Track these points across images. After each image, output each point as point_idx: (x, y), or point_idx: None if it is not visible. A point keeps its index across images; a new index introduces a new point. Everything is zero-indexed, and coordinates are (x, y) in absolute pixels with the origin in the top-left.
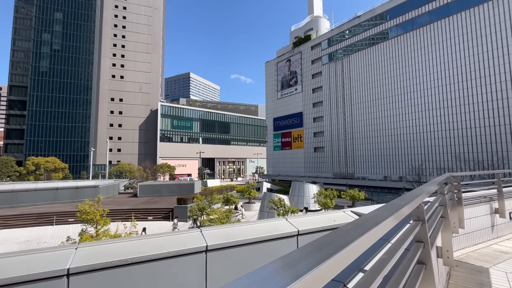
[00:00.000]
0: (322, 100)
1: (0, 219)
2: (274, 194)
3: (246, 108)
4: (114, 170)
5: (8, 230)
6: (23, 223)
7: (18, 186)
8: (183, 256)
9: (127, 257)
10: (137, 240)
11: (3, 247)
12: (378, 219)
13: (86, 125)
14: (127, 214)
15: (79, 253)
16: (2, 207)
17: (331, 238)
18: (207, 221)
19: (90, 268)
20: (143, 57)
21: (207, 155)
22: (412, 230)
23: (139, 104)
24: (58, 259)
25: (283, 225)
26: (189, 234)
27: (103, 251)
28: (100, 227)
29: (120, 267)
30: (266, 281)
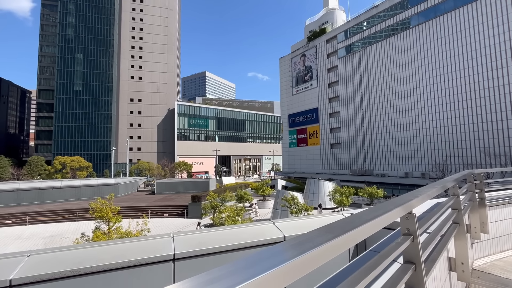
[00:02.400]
0: (339, 95)
1: (29, 215)
2: (287, 192)
3: (261, 105)
4: (134, 168)
5: (36, 226)
6: (49, 219)
7: (45, 184)
8: (147, 265)
9: (80, 267)
10: (98, 246)
11: (29, 242)
12: (350, 225)
13: (107, 125)
14: (144, 211)
15: (30, 261)
16: (31, 204)
17: (285, 246)
18: (218, 218)
19: (36, 279)
20: (160, 58)
21: (223, 153)
22: (396, 247)
23: (157, 104)
24: (2, 269)
25: (269, 230)
26: (158, 240)
27: (56, 258)
28: (112, 224)
29: (71, 278)
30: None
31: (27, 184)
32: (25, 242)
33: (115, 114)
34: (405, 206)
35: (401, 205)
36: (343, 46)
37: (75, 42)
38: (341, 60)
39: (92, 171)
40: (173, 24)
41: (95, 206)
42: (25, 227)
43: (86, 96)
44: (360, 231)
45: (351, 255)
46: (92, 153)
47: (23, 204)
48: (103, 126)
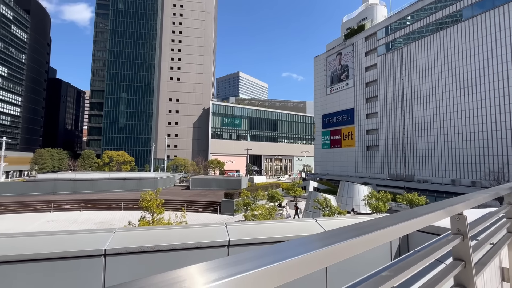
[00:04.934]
0: (377, 95)
1: (83, 202)
2: (319, 194)
3: (293, 105)
4: (171, 164)
5: (88, 212)
6: (99, 206)
7: (96, 176)
8: (206, 248)
9: (155, 244)
10: (167, 229)
11: (84, 225)
12: (399, 219)
13: (148, 123)
14: (180, 205)
15: (116, 236)
16: (84, 193)
17: (327, 235)
18: (251, 216)
19: (123, 251)
20: (196, 59)
21: (255, 152)
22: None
23: (193, 104)
24: (98, 241)
25: (312, 226)
26: (214, 228)
27: (136, 236)
28: (156, 215)
29: (149, 253)
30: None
31: (81, 175)
32: (81, 225)
33: (155, 113)
34: (457, 206)
35: (453, 205)
36: (383, 43)
37: (122, 46)
38: (381, 58)
39: (134, 165)
40: (209, 27)
41: (145, 197)
42: (80, 213)
43: (131, 96)
44: (409, 225)
45: (393, 256)
46: (135, 149)
47: (78, 192)
48: (144, 124)
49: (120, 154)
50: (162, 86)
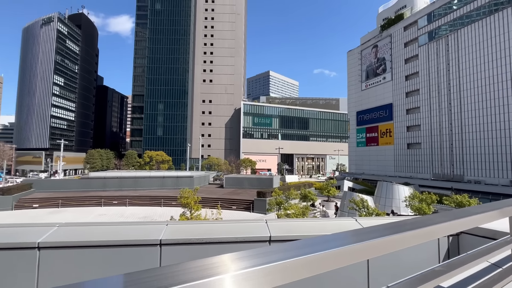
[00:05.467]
0: (419, 88)
1: (128, 198)
2: (355, 194)
3: (326, 102)
4: (205, 163)
5: (132, 207)
6: (142, 202)
7: (138, 174)
8: (249, 242)
9: (202, 237)
10: (212, 224)
11: (130, 219)
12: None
13: (184, 124)
14: (215, 203)
15: (168, 228)
16: (129, 189)
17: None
18: (284, 215)
19: (175, 242)
20: (227, 61)
21: (286, 151)
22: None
23: (225, 104)
24: (154, 232)
25: (351, 225)
26: (255, 224)
27: (185, 229)
28: (193, 212)
29: (197, 245)
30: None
31: (126, 173)
32: (127, 219)
33: (190, 114)
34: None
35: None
36: (425, 32)
37: (159, 53)
38: (423, 48)
39: (171, 164)
40: (240, 28)
41: (183, 194)
42: (126, 208)
43: (167, 99)
44: (459, 223)
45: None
46: (172, 149)
47: (124, 189)
48: (180, 125)
49: (159, 154)
50: (195, 89)
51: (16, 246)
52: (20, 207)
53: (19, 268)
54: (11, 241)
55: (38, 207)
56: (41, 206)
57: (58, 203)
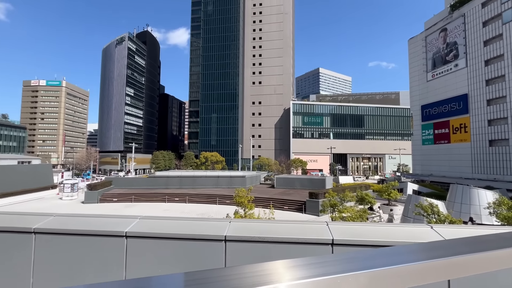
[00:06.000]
0: (504, 74)
1: (188, 196)
2: (422, 198)
3: (383, 97)
4: (256, 164)
5: (191, 204)
6: (200, 200)
7: (196, 173)
8: (310, 244)
9: (264, 236)
10: (272, 223)
11: (190, 215)
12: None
13: (235, 126)
14: (266, 202)
15: (232, 225)
16: (187, 188)
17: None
18: (339, 218)
19: (238, 239)
20: (276, 62)
21: (339, 151)
22: None
23: (274, 105)
24: (218, 228)
25: (426, 233)
26: (315, 225)
27: (247, 227)
28: (247, 210)
29: (258, 243)
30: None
31: (185, 172)
32: (187, 215)
33: (240, 116)
34: None
35: None
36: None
37: (212, 59)
38: (509, 26)
39: (225, 164)
40: (287, 27)
41: (238, 193)
42: (185, 205)
43: (220, 102)
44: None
45: None
46: (225, 150)
47: (183, 187)
48: (232, 127)
49: (213, 155)
50: (245, 91)
51: (109, 233)
52: (103, 200)
53: (112, 252)
54: (107, 229)
55: (116, 201)
56: (119, 200)
57: (132, 198)
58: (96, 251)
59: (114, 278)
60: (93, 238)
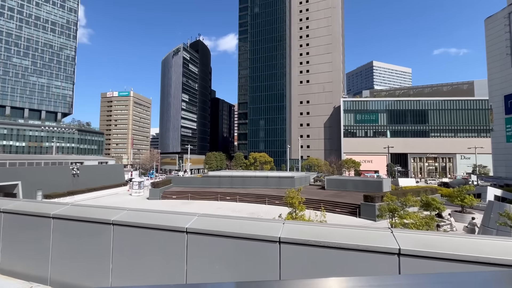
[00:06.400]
0: None
1: (238, 195)
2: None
3: (452, 88)
4: (305, 164)
5: (242, 203)
6: (249, 199)
7: (245, 173)
8: (371, 252)
9: (319, 239)
10: (328, 226)
11: (240, 214)
12: None
13: (283, 127)
14: (317, 204)
15: (286, 227)
16: (238, 187)
17: None
18: (400, 225)
19: (292, 241)
20: (324, 58)
21: (397, 150)
22: None
23: (323, 103)
24: (273, 229)
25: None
26: (377, 232)
27: (301, 230)
28: (297, 212)
29: (313, 246)
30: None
31: (236, 173)
32: (238, 214)
33: (288, 116)
34: None
35: None
36: None
37: (259, 62)
38: None
39: (273, 165)
40: (336, 21)
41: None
42: (236, 204)
43: (268, 103)
44: None
45: None
46: (273, 150)
47: (234, 187)
48: (280, 127)
49: (261, 156)
50: (293, 91)
51: (172, 228)
52: (164, 197)
53: (175, 245)
54: (170, 224)
55: (175, 198)
56: (177, 198)
57: (188, 196)
58: (161, 243)
59: (177, 270)
60: (158, 232)
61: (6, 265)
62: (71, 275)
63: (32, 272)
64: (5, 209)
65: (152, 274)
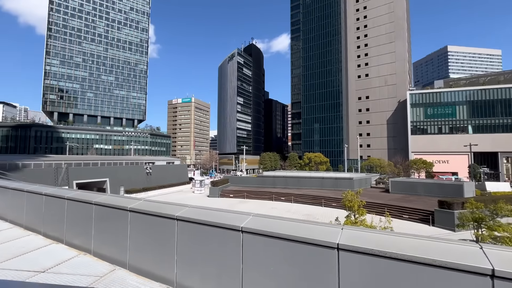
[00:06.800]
0: None
1: (293, 196)
2: None
3: None
4: (365, 165)
5: (296, 204)
6: (304, 200)
7: (300, 174)
8: (451, 270)
9: (385, 250)
10: (395, 235)
11: (295, 215)
12: None
13: (339, 125)
14: (380, 208)
15: (344, 233)
16: (293, 188)
17: None
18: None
19: (353, 249)
20: (386, 48)
21: (483, 148)
22: None
23: (385, 98)
24: (329, 234)
25: None
26: (460, 246)
27: (363, 237)
28: (357, 216)
29: (378, 257)
30: None
31: (290, 173)
32: (293, 215)
33: (345, 114)
34: None
35: None
36: None
37: (312, 59)
38: None
39: (329, 165)
40: (399, 6)
41: (346, 197)
42: (291, 204)
43: (322, 102)
44: None
45: None
46: (329, 150)
47: (288, 187)
48: (335, 126)
49: (316, 156)
50: (350, 87)
51: (229, 227)
52: (222, 195)
53: (231, 243)
54: (226, 222)
55: (232, 196)
56: (234, 196)
57: (244, 195)
58: (218, 239)
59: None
60: (216, 229)
61: (97, 249)
62: (144, 262)
63: (115, 256)
64: (96, 202)
65: (210, 269)
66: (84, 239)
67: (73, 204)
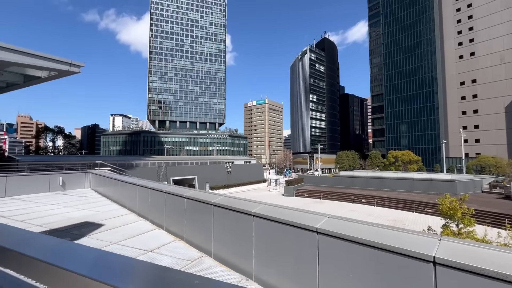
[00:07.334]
0: None
1: (376, 198)
2: None
3: None
4: (472, 164)
5: (380, 208)
6: (389, 204)
7: (384, 174)
8: None
9: (505, 272)
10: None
11: (378, 220)
12: None
13: (434, 117)
14: (497, 219)
15: (443, 245)
16: (375, 189)
17: None
18: None
19: (455, 265)
20: (500, 17)
21: None
22: None
23: (501, 80)
24: (424, 245)
25: None
26: None
27: (469, 251)
28: (462, 226)
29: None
30: None
31: (372, 173)
32: (376, 219)
33: (441, 104)
34: None
35: None
36: None
37: (395, 44)
38: None
39: (422, 165)
40: None
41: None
42: (373, 208)
43: (409, 92)
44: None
45: None
46: (420, 147)
47: (370, 189)
48: (428, 119)
49: (404, 154)
50: (448, 70)
51: (303, 226)
52: (297, 195)
53: (306, 244)
54: (301, 222)
55: (307, 196)
56: (309, 196)
57: (320, 195)
58: (293, 239)
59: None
60: (290, 228)
61: (188, 236)
62: (225, 252)
63: (203, 245)
64: (186, 196)
65: (286, 266)
66: (179, 227)
67: (170, 197)
